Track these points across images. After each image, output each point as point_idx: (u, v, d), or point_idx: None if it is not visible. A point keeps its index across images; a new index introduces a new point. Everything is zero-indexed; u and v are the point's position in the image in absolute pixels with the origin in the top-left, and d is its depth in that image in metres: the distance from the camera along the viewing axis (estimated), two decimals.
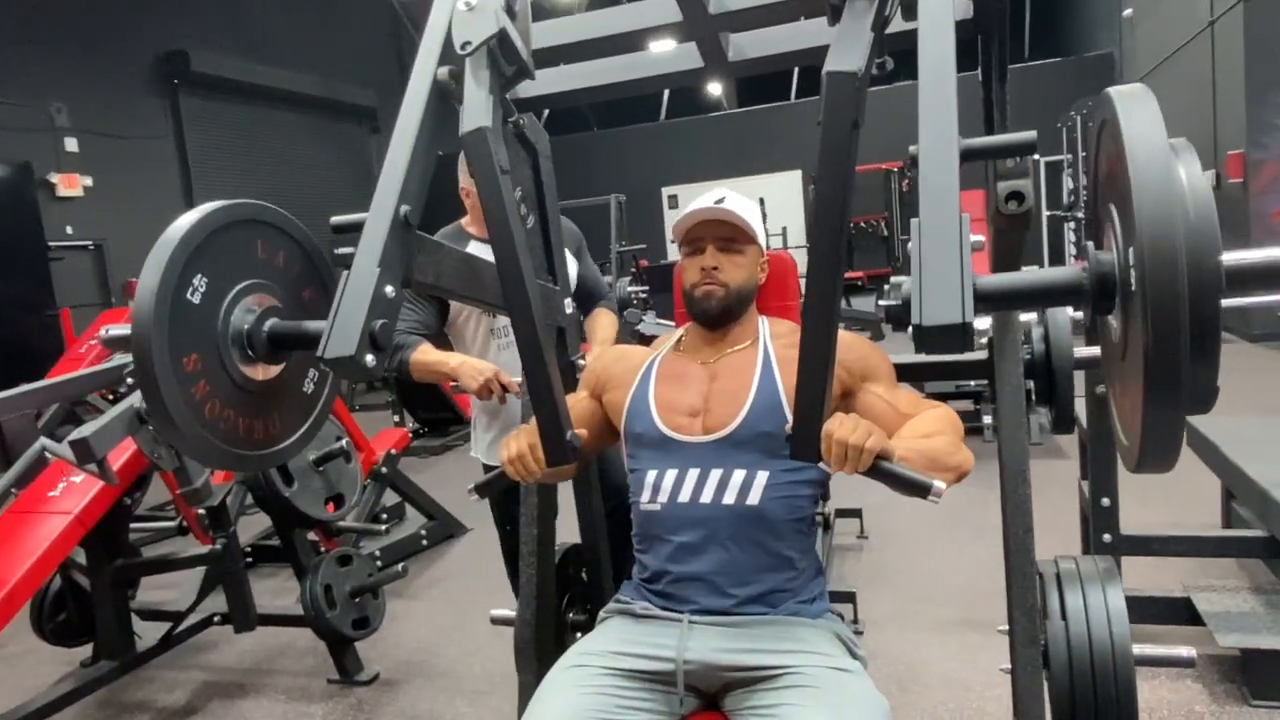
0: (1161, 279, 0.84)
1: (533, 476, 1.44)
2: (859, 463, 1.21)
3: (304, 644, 3.11)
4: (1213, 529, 3.36)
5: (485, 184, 1.37)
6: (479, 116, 1.40)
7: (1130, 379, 0.97)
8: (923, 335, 0.96)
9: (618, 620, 1.56)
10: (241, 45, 11.92)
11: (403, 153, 1.39)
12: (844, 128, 1.21)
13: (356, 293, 1.25)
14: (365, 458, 3.98)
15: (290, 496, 2.64)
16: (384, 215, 1.31)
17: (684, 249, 1.67)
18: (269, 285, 1.39)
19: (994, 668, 2.54)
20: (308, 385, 1.51)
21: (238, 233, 1.34)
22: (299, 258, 1.47)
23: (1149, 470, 0.98)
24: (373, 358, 1.21)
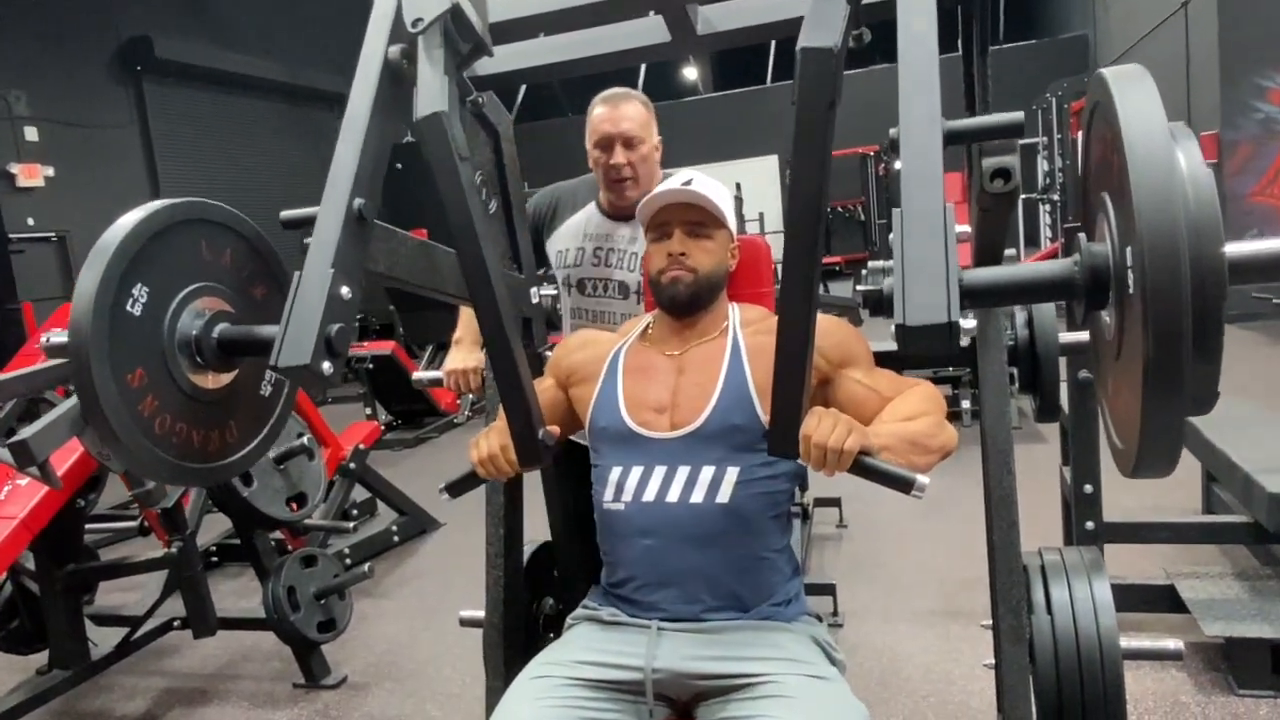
0: (1162, 279, 0.79)
1: (505, 476, 1.41)
2: (840, 464, 1.17)
3: (269, 647, 3.01)
4: (1194, 514, 3.33)
5: (443, 172, 1.30)
6: (434, 100, 1.32)
7: (1126, 379, 0.92)
8: (907, 335, 0.91)
9: (584, 627, 1.48)
10: (206, 31, 11.69)
11: (353, 142, 1.30)
12: (820, 107, 1.15)
13: (310, 296, 1.17)
14: (332, 454, 3.87)
15: (249, 497, 2.54)
16: (336, 211, 1.24)
17: (650, 234, 1.58)
18: (217, 287, 1.31)
19: (976, 660, 2.50)
20: (264, 388, 1.42)
21: (180, 234, 1.26)
22: (247, 255, 1.39)
23: (1146, 475, 0.92)
24: (329, 365, 1.14)
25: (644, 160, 2.07)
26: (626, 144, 2.04)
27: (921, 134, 1.02)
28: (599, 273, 2.17)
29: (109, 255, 1.13)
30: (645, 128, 2.07)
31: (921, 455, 1.30)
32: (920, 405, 1.41)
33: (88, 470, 2.61)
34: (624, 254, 2.13)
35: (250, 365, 1.35)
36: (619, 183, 2.07)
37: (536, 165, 2.17)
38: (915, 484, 1.15)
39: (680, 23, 1.59)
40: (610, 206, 2.15)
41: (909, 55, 1.07)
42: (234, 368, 1.31)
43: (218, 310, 1.27)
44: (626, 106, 2.06)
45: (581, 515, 2.02)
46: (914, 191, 0.99)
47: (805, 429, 1.17)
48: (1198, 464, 3.28)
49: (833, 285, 11.00)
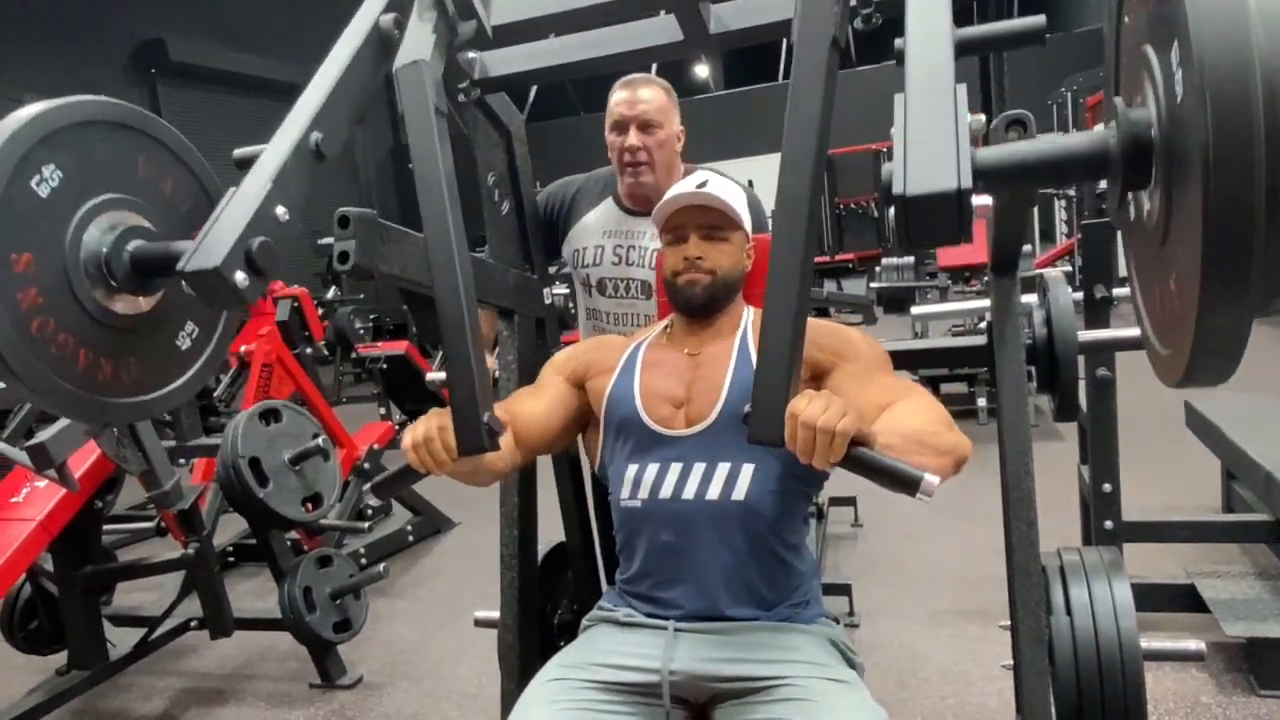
0: (1229, 122, 0.64)
1: (442, 467, 1.20)
2: (830, 450, 1.01)
3: (285, 647, 3.02)
4: (1215, 513, 3.30)
5: (416, 124, 1.23)
6: (417, 51, 1.27)
7: (1175, 268, 0.77)
8: (908, 209, 0.78)
9: (600, 629, 1.47)
10: (220, 33, 11.74)
11: (326, 80, 1.25)
12: (821, 44, 1.07)
13: (238, 206, 1.08)
14: (347, 454, 3.89)
15: (264, 497, 2.55)
16: (289, 137, 1.17)
17: (665, 236, 1.57)
18: (146, 209, 1.18)
19: (995, 660, 2.48)
20: (183, 340, 1.28)
21: (118, 137, 1.15)
22: (193, 192, 1.27)
23: (1200, 382, 0.79)
24: (245, 277, 1.02)
25: (660, 146, 2.02)
26: (642, 127, 2.00)
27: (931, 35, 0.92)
28: (620, 272, 2.11)
29: (25, 118, 1.02)
30: (663, 112, 2.02)
31: (931, 456, 1.17)
32: (924, 409, 1.32)
33: (105, 472, 2.62)
34: (645, 251, 2.08)
35: (171, 310, 1.22)
36: (633, 166, 2.02)
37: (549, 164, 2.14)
38: (922, 483, 0.97)
39: (693, 21, 1.58)
40: (629, 198, 2.09)
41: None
42: (149, 293, 1.17)
43: (135, 226, 1.14)
44: (645, 90, 2.01)
45: (597, 518, 2.02)
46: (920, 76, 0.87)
47: (792, 407, 1.03)
48: (1217, 462, 3.25)
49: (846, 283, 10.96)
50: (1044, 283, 1.72)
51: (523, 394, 1.58)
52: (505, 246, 1.86)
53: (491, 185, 1.82)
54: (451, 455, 1.19)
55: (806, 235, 1.06)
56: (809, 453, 1.02)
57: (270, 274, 1.06)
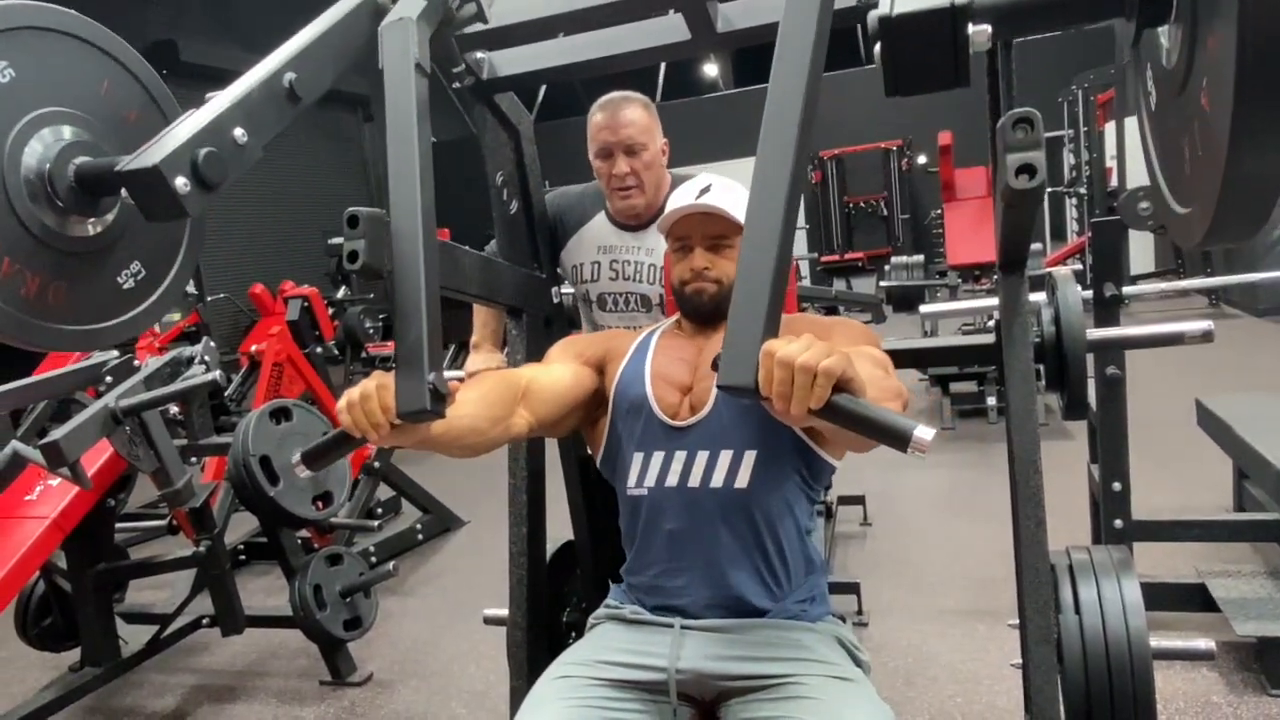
0: None
1: (378, 430, 1.06)
2: (810, 394, 0.87)
3: (296, 644, 3.04)
4: (1226, 512, 3.28)
5: (396, 78, 1.20)
6: (406, 10, 1.25)
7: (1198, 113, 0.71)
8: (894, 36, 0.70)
9: (608, 626, 1.48)
10: (232, 35, 11.78)
11: (306, 34, 1.24)
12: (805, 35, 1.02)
13: (193, 120, 1.04)
14: (357, 452, 3.90)
15: (275, 496, 2.55)
16: (262, 71, 1.15)
17: (670, 244, 1.57)
18: (100, 129, 1.12)
19: (1003, 660, 2.48)
20: (125, 278, 1.20)
21: (72, 50, 1.10)
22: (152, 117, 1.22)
23: (1224, 239, 0.73)
24: (186, 182, 0.97)
25: (648, 167, 2.01)
26: (628, 151, 1.98)
27: None
28: (619, 287, 2.12)
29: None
30: (647, 132, 2.00)
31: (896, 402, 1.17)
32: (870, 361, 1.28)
33: (117, 470, 2.65)
34: (641, 265, 2.08)
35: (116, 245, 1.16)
36: (623, 191, 2.01)
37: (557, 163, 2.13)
38: (913, 436, 0.83)
39: (700, 20, 1.58)
40: (620, 216, 2.09)
41: None
42: (92, 215, 1.12)
43: (83, 143, 1.09)
44: (626, 112, 1.99)
45: (604, 515, 2.02)
46: None
47: (768, 346, 0.90)
48: (1229, 461, 3.23)
49: (855, 282, 10.93)
50: (1052, 281, 1.71)
51: (534, 365, 1.58)
52: (513, 246, 1.87)
53: (500, 185, 1.83)
54: (390, 417, 1.05)
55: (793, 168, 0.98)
56: (786, 396, 0.88)
57: (216, 188, 1.00)
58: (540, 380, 1.46)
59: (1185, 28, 0.71)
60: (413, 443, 1.13)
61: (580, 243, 2.14)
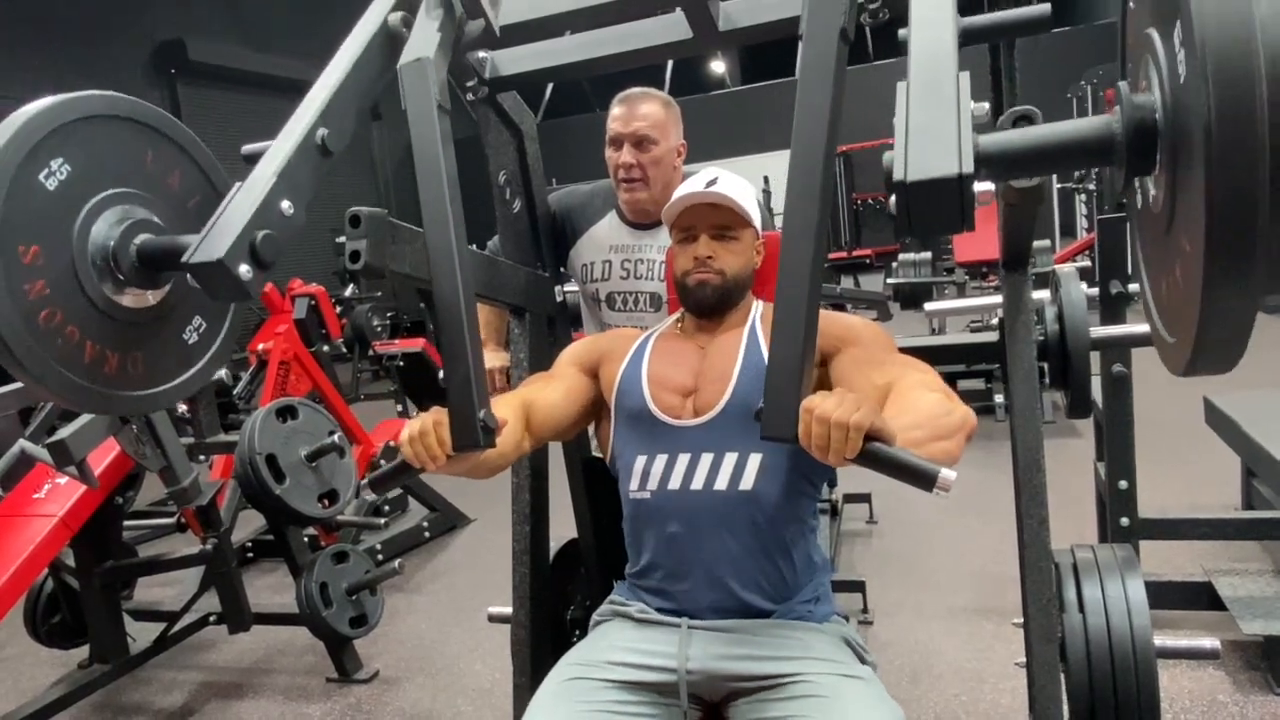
0: (1232, 106, 0.63)
1: (436, 462, 1.21)
2: (846, 445, 0.99)
3: (303, 642, 3.05)
4: (1234, 510, 3.26)
5: (419, 118, 1.25)
6: (422, 49, 1.29)
7: (1179, 255, 0.76)
8: (909, 197, 0.76)
9: (614, 624, 1.48)
10: (240, 34, 11.82)
11: (333, 77, 1.27)
12: (829, 35, 1.06)
13: (244, 200, 1.09)
14: (363, 451, 3.92)
15: (281, 494, 2.57)
16: (295, 132, 1.18)
17: (675, 235, 1.58)
18: (154, 202, 1.19)
19: (1009, 658, 2.47)
20: (190, 334, 1.28)
21: (126, 132, 1.16)
22: (200, 186, 1.27)
23: (1204, 370, 0.78)
24: (249, 269, 1.04)
25: (656, 162, 2.00)
26: (637, 144, 1.98)
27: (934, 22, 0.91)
28: (629, 286, 2.10)
29: (34, 113, 1.02)
30: (660, 128, 2.00)
31: (947, 441, 1.16)
32: (921, 385, 1.31)
33: (125, 469, 2.66)
34: (653, 264, 2.07)
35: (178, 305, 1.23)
36: (628, 182, 2.01)
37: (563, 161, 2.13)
38: (939, 478, 0.95)
39: (702, 18, 1.58)
40: (631, 214, 2.08)
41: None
42: (156, 287, 1.18)
43: (143, 220, 1.15)
44: (642, 106, 2.00)
45: (608, 514, 2.03)
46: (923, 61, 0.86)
47: (807, 403, 1.01)
48: (1237, 459, 3.22)
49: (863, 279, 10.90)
50: (1056, 278, 1.71)
51: (537, 380, 1.59)
52: (516, 244, 1.87)
53: (503, 184, 1.83)
54: (446, 450, 1.19)
55: (817, 225, 1.04)
56: (824, 448, 1.00)
57: (273, 266, 1.07)
58: (537, 403, 1.49)
59: (1167, 179, 0.78)
60: (462, 470, 1.28)
61: (591, 242, 2.13)
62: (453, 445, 1.18)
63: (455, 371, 1.18)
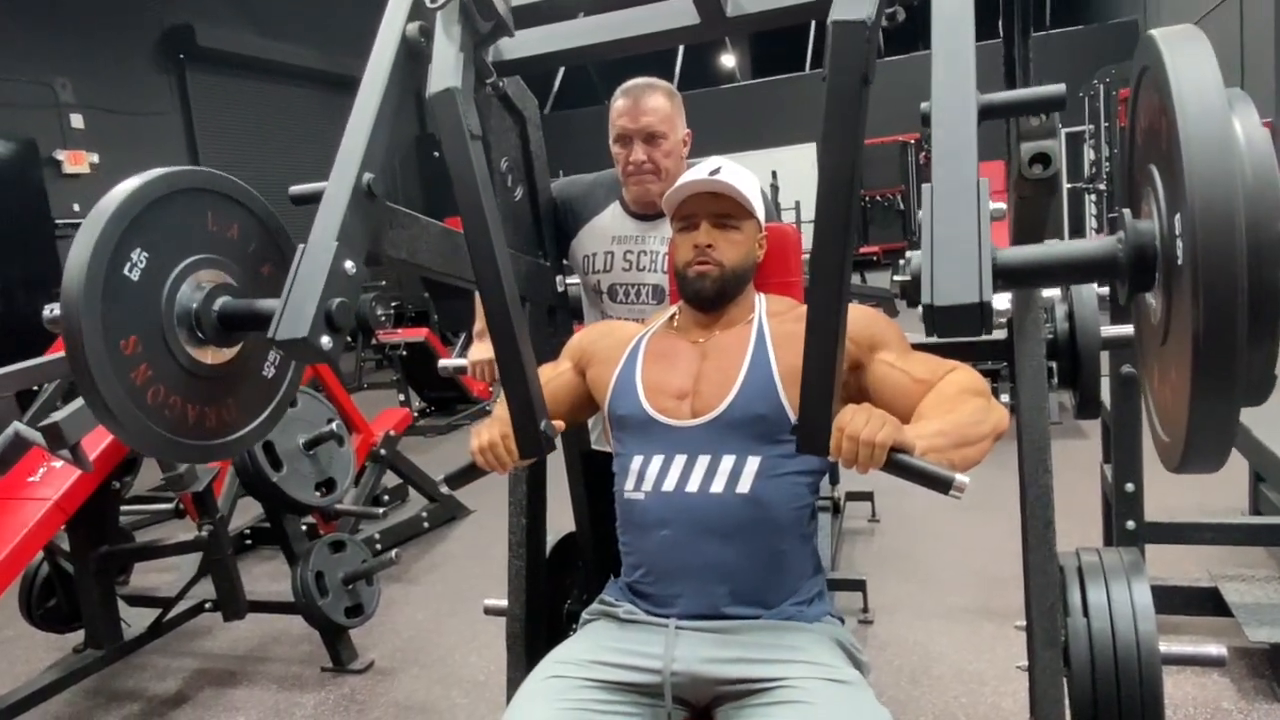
0: (1215, 250, 0.74)
1: (505, 468, 1.37)
2: (872, 459, 1.10)
3: (298, 630, 3.03)
4: (1241, 515, 3.23)
5: (453, 150, 1.28)
6: (447, 76, 1.31)
7: (1173, 366, 0.87)
8: (935, 316, 0.87)
9: (600, 624, 1.45)
10: (249, 20, 11.80)
11: (366, 116, 1.31)
12: (852, 83, 1.10)
13: (312, 268, 1.16)
14: (363, 439, 3.90)
15: (278, 482, 2.55)
16: (344, 184, 1.23)
17: (675, 224, 1.54)
18: (221, 261, 1.29)
19: (1010, 660, 2.44)
20: (268, 369, 1.41)
21: (184, 202, 1.24)
22: (255, 230, 1.37)
23: (1194, 470, 0.87)
24: (329, 340, 1.13)
25: (667, 155, 1.96)
26: (648, 139, 1.94)
27: (954, 105, 0.97)
28: (631, 278, 2.06)
29: (108, 215, 1.10)
30: (668, 121, 1.95)
31: (971, 447, 1.21)
32: (961, 391, 1.31)
33: (122, 452, 2.64)
34: (656, 256, 2.03)
35: (254, 343, 1.33)
36: (638, 176, 1.97)
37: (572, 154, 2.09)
38: (953, 483, 1.07)
39: (709, 4, 1.55)
40: (636, 204, 2.03)
41: (943, 23, 1.03)
42: (235, 343, 1.29)
43: (220, 283, 1.25)
44: (648, 99, 1.94)
45: (607, 508, 2.00)
46: (945, 166, 0.94)
47: (838, 421, 1.12)
48: (1245, 463, 3.18)
49: (870, 275, 10.86)
50: None
51: (545, 369, 1.58)
52: (518, 233, 1.84)
53: (505, 170, 1.80)
54: (514, 459, 1.34)
55: (845, 252, 1.10)
56: (853, 461, 1.11)
57: (346, 330, 1.16)
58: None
59: (1164, 298, 0.88)
60: (526, 465, 1.48)
61: (593, 233, 2.09)
62: (520, 455, 1.33)
63: (516, 390, 1.29)
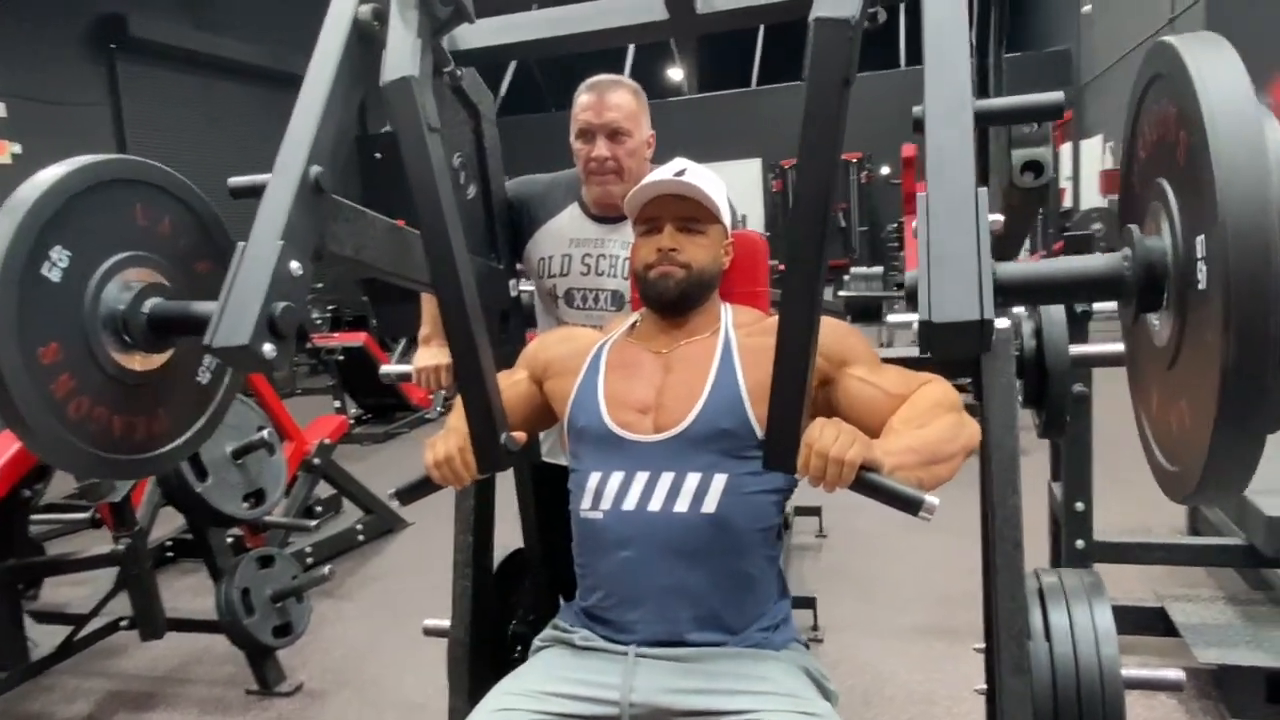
0: (1250, 275, 0.70)
1: (462, 483, 1.29)
2: (840, 478, 1.07)
3: (221, 650, 2.86)
4: (1179, 533, 3.28)
5: (410, 143, 1.19)
6: (403, 64, 1.21)
7: (1184, 392, 0.83)
8: (932, 334, 0.82)
9: (554, 652, 1.35)
10: (185, 11, 11.44)
11: (314, 105, 1.20)
12: (833, 85, 1.04)
13: (253, 269, 1.06)
14: (296, 448, 3.73)
15: (203, 493, 2.40)
16: (290, 177, 1.13)
17: (638, 227, 1.46)
18: (152, 258, 1.18)
19: (961, 680, 2.42)
20: (202, 374, 1.29)
21: (110, 195, 1.13)
22: (190, 225, 1.25)
23: (1210, 500, 0.84)
24: (272, 347, 1.03)
25: (631, 155, 1.88)
26: (611, 136, 1.86)
27: (950, 111, 0.92)
28: (589, 283, 1.96)
29: (24, 209, 1.00)
30: (633, 119, 1.88)
31: (942, 464, 1.18)
32: (934, 405, 1.26)
33: (32, 459, 2.45)
34: (616, 260, 1.93)
35: (187, 348, 1.22)
36: (601, 175, 1.88)
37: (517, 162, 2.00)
38: (923, 505, 1.06)
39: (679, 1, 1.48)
40: (597, 206, 1.94)
41: (936, 26, 0.98)
42: (167, 348, 1.19)
43: (151, 284, 1.15)
44: (613, 95, 1.86)
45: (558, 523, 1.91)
46: (942, 174, 0.89)
47: (806, 437, 1.08)
48: None
49: None
50: None
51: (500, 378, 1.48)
52: (470, 233, 1.75)
53: (457, 167, 1.71)
54: (471, 473, 1.26)
55: (819, 260, 1.06)
56: (820, 479, 1.07)
57: (292, 337, 1.06)
58: None
59: (1176, 318, 0.84)
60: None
61: (549, 234, 1.99)
62: (478, 469, 1.25)
63: (475, 400, 1.21)
